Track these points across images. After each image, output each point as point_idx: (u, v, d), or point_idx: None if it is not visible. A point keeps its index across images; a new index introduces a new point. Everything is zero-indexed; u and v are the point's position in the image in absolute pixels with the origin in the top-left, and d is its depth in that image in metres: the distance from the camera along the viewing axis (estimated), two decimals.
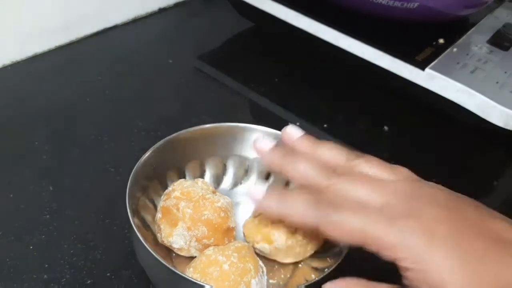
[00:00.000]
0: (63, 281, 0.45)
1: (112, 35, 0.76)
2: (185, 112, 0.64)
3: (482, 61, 0.62)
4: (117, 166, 0.55)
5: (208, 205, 0.45)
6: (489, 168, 0.61)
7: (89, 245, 0.48)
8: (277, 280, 0.45)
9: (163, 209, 0.46)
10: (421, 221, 0.32)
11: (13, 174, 0.54)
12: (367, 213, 0.34)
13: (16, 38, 0.67)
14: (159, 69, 0.71)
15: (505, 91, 0.58)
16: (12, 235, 0.48)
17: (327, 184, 0.36)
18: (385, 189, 0.35)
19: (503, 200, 0.56)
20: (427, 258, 0.31)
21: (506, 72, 0.61)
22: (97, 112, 0.63)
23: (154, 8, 0.81)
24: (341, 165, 0.38)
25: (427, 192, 0.35)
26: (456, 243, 0.31)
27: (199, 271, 0.41)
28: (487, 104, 0.57)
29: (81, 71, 0.69)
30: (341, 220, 0.34)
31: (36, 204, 0.51)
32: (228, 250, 0.42)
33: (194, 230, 0.44)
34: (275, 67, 0.72)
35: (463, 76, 0.60)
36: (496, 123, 0.57)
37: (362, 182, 0.36)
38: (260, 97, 0.67)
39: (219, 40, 0.79)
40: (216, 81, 0.71)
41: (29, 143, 0.57)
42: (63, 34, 0.71)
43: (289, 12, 0.67)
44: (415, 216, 0.32)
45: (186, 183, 0.47)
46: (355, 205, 0.34)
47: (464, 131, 0.63)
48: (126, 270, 0.46)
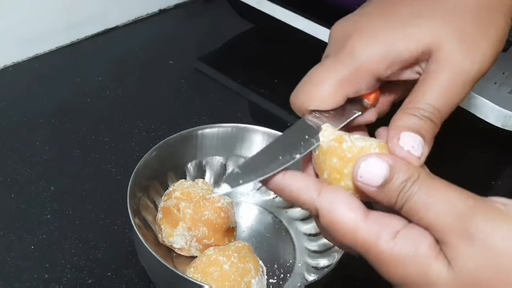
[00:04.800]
0: (64, 280, 0.45)
1: (112, 36, 0.76)
2: (185, 113, 0.64)
3: None
4: (118, 166, 0.56)
5: (208, 205, 0.45)
6: (487, 169, 0.62)
7: (90, 244, 0.48)
8: (277, 280, 0.46)
9: (163, 209, 0.46)
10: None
11: (14, 174, 0.54)
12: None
13: (17, 39, 0.67)
14: (160, 70, 0.71)
15: (503, 91, 0.59)
16: (13, 234, 0.48)
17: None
18: None
19: None
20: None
21: (504, 73, 0.61)
22: (98, 112, 0.63)
23: (154, 9, 0.81)
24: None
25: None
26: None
27: (199, 271, 0.41)
28: (485, 104, 0.57)
29: (82, 72, 0.69)
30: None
31: (37, 204, 0.51)
32: (228, 250, 0.43)
33: (195, 230, 0.45)
34: (275, 68, 0.72)
35: None
36: (494, 123, 0.57)
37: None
38: (260, 97, 0.68)
39: (219, 41, 0.79)
40: (216, 82, 0.71)
41: (30, 143, 0.57)
42: (64, 35, 0.72)
43: (289, 14, 0.67)
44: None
45: (187, 183, 0.47)
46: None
47: (462, 132, 0.63)
48: (127, 270, 0.46)
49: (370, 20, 0.33)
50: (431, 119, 0.30)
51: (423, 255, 0.27)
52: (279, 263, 0.47)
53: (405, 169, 0.27)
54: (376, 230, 0.27)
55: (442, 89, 0.30)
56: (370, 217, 0.28)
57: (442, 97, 0.30)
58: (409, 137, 0.29)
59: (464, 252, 0.26)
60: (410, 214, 0.27)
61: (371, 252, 0.27)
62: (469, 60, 0.31)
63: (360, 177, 0.28)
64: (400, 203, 0.27)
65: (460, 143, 0.63)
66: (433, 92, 0.30)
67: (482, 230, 0.26)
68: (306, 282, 0.41)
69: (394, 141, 0.29)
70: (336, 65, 0.32)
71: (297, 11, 0.67)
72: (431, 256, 0.27)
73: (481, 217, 0.26)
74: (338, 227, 0.28)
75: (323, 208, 0.28)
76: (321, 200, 0.28)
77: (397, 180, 0.27)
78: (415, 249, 0.27)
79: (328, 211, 0.28)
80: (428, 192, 0.27)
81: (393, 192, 0.27)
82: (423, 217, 0.27)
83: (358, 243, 0.28)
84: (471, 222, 0.26)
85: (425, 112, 0.30)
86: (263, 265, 0.44)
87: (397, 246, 0.27)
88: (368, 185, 0.28)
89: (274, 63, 0.73)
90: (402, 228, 0.27)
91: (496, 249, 0.25)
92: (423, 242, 0.27)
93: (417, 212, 0.27)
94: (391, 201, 0.27)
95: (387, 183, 0.27)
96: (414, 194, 0.27)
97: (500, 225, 0.26)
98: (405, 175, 0.27)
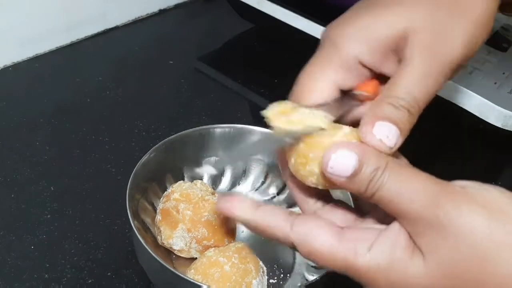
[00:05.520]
0: (64, 280, 0.45)
1: (112, 36, 0.76)
2: (185, 113, 0.64)
3: (480, 62, 0.63)
4: (118, 166, 0.56)
5: (207, 206, 0.45)
6: (487, 169, 0.62)
7: (90, 244, 0.48)
8: (277, 280, 0.46)
9: (162, 211, 0.46)
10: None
11: (14, 174, 0.54)
12: None
13: (17, 40, 0.67)
14: (160, 70, 0.71)
15: (503, 92, 0.59)
16: (13, 234, 0.48)
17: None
18: None
19: None
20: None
21: (505, 73, 0.61)
22: (98, 112, 0.63)
23: (154, 9, 0.81)
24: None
25: None
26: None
27: (200, 272, 0.41)
28: (485, 105, 0.57)
29: (82, 72, 0.69)
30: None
31: (37, 204, 0.51)
32: (228, 251, 0.43)
33: (194, 232, 0.45)
34: (275, 68, 0.72)
35: (462, 77, 0.60)
36: (494, 123, 0.57)
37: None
38: (260, 97, 0.68)
39: (219, 41, 0.79)
40: (216, 82, 0.71)
41: (30, 143, 0.57)
42: (64, 35, 0.72)
43: (289, 14, 0.67)
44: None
45: (185, 184, 0.47)
46: None
47: (462, 132, 0.63)
48: (127, 270, 0.46)
49: (354, 13, 0.33)
50: (409, 109, 0.30)
51: (399, 260, 0.27)
52: (278, 263, 0.47)
53: (374, 159, 0.27)
54: (352, 247, 0.28)
55: (418, 75, 0.30)
56: (344, 237, 0.28)
57: (419, 84, 0.30)
58: (385, 127, 0.29)
59: (436, 242, 0.26)
60: (382, 203, 0.27)
61: (352, 270, 0.28)
62: (444, 45, 0.31)
63: (331, 168, 0.27)
64: (370, 192, 0.27)
65: (460, 143, 0.63)
66: (409, 79, 0.30)
67: (448, 215, 0.26)
68: (307, 282, 0.41)
69: (368, 128, 0.29)
70: (322, 59, 0.32)
71: (297, 11, 0.67)
72: (406, 258, 0.27)
73: (446, 202, 0.26)
74: (317, 255, 0.28)
75: (297, 240, 0.29)
76: (294, 234, 0.29)
77: (367, 169, 0.27)
78: (390, 256, 0.27)
79: (303, 242, 0.29)
80: (399, 180, 0.27)
81: (363, 182, 0.27)
82: (395, 207, 0.27)
83: (339, 265, 0.28)
84: (439, 208, 0.26)
85: (403, 102, 0.30)
86: (263, 265, 0.44)
87: (374, 258, 0.27)
88: (338, 175, 0.27)
89: (274, 63, 0.73)
90: (376, 239, 0.28)
91: (462, 233, 0.26)
92: (397, 247, 0.27)
93: (389, 201, 0.27)
94: (360, 191, 0.27)
95: (357, 174, 0.27)
96: (385, 183, 0.27)
97: (462, 208, 0.26)
98: (374, 164, 0.27)
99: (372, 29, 0.31)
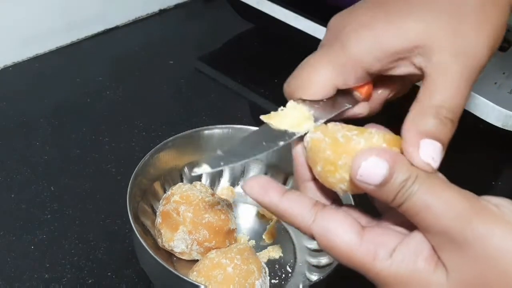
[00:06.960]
0: (64, 280, 0.45)
1: (112, 36, 0.76)
2: (186, 113, 0.64)
3: None
4: (118, 166, 0.56)
5: (208, 208, 0.45)
6: (487, 169, 0.62)
7: (90, 244, 0.48)
8: (278, 280, 0.46)
9: (162, 213, 0.46)
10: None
11: (14, 174, 0.54)
12: None
13: (17, 39, 0.67)
14: (160, 70, 0.71)
15: (503, 91, 0.59)
16: (13, 234, 0.48)
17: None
18: None
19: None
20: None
21: (505, 73, 0.61)
22: (98, 112, 0.63)
23: (154, 9, 0.81)
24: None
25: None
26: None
27: (203, 274, 0.41)
28: (485, 104, 0.57)
29: (82, 72, 0.69)
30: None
31: (37, 204, 0.51)
32: (231, 253, 0.42)
33: (195, 234, 0.44)
34: (275, 68, 0.72)
35: None
36: (494, 123, 0.57)
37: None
38: (260, 97, 0.68)
39: (219, 41, 0.79)
40: (216, 82, 0.71)
41: (30, 143, 0.57)
42: (64, 35, 0.72)
43: (288, 14, 0.67)
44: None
45: (185, 186, 0.47)
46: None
47: (462, 132, 0.63)
48: (127, 270, 0.46)
49: (366, 13, 0.32)
50: (452, 119, 0.29)
51: (422, 270, 0.27)
52: (280, 263, 0.47)
53: (405, 169, 0.27)
54: (373, 250, 0.27)
55: (455, 81, 0.30)
56: (366, 237, 0.28)
57: (457, 90, 0.30)
58: (430, 146, 0.28)
59: (462, 260, 0.26)
60: (409, 214, 0.27)
61: (370, 272, 0.28)
62: (473, 50, 0.30)
63: (360, 176, 0.27)
64: (399, 201, 0.27)
65: (460, 143, 0.63)
66: (447, 85, 0.30)
67: (478, 235, 0.25)
68: (309, 282, 0.41)
69: (414, 149, 0.28)
70: (327, 55, 0.32)
71: (297, 11, 0.67)
72: (429, 270, 0.27)
73: (477, 221, 0.26)
74: (335, 251, 0.28)
75: (318, 233, 0.29)
76: (315, 226, 0.29)
77: (397, 179, 0.27)
78: (413, 265, 0.27)
79: (323, 237, 0.28)
80: (428, 193, 0.27)
81: (392, 192, 0.27)
82: (422, 218, 0.27)
83: (356, 264, 0.28)
84: (468, 226, 0.26)
85: (445, 111, 0.29)
86: (265, 265, 0.44)
87: (394, 264, 0.27)
88: (367, 183, 0.27)
89: (274, 63, 0.73)
90: (398, 245, 0.27)
91: (492, 255, 0.25)
92: (420, 256, 0.27)
93: (416, 213, 0.27)
94: (388, 199, 0.27)
95: (387, 183, 0.27)
96: (414, 194, 0.27)
97: (494, 230, 0.25)
98: (405, 174, 0.27)
99: (384, 39, 0.31)
